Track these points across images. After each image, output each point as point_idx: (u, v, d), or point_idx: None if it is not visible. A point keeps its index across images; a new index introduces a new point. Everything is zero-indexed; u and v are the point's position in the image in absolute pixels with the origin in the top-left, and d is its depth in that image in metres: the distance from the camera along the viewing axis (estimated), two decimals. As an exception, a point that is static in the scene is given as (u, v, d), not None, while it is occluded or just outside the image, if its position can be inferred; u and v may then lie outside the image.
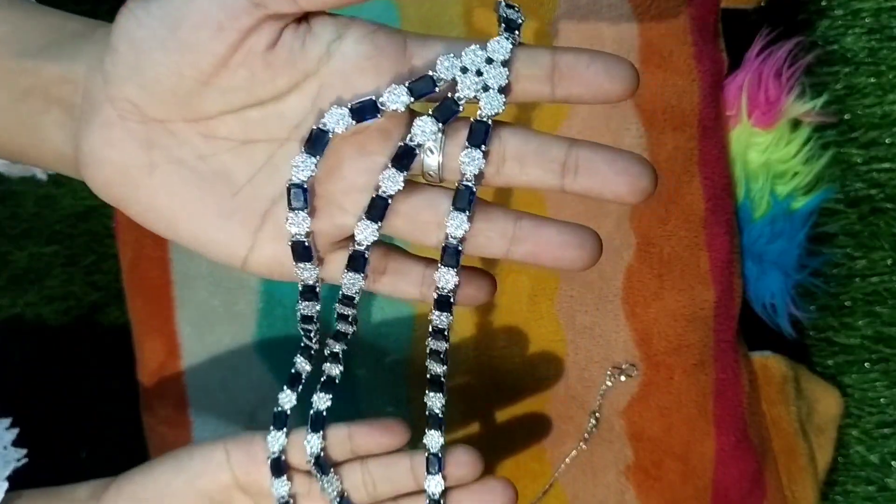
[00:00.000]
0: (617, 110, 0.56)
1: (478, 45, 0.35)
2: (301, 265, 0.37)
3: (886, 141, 0.66)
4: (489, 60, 0.35)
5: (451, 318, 0.38)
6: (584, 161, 0.35)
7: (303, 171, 0.35)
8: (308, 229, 0.36)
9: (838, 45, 0.67)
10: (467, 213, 0.35)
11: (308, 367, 0.44)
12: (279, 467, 0.45)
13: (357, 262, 0.37)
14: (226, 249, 0.37)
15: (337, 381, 0.44)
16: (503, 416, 0.58)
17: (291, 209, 0.35)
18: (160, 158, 0.36)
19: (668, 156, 0.57)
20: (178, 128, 0.36)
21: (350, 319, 0.40)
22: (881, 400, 0.68)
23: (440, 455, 0.44)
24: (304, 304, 0.39)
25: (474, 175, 0.35)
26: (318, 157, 0.35)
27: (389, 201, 0.35)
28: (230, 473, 0.45)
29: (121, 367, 0.70)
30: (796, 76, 0.61)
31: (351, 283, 0.37)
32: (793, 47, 0.61)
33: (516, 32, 0.35)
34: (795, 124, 0.62)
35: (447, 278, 0.36)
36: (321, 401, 0.45)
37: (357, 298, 0.38)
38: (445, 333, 0.38)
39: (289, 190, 0.35)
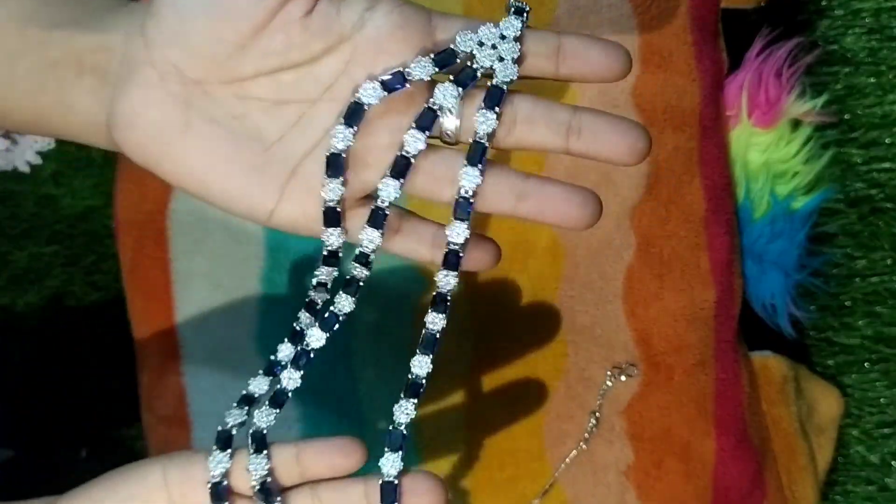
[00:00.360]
0: (617, 110, 0.56)
1: (491, 24, 0.38)
2: (330, 230, 0.39)
3: (886, 141, 0.67)
4: (502, 37, 0.38)
5: (456, 279, 0.39)
6: (588, 124, 0.38)
7: (342, 141, 0.38)
8: (341, 195, 0.38)
9: (838, 45, 0.67)
10: (480, 167, 0.38)
11: (309, 322, 0.42)
12: (218, 494, 0.40)
13: (377, 218, 0.39)
14: (254, 204, 0.39)
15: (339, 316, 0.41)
16: (503, 415, 0.58)
17: (329, 176, 0.38)
18: (195, 118, 0.38)
19: (668, 155, 0.57)
20: (214, 89, 0.38)
21: (360, 280, 0.40)
22: (881, 400, 0.68)
23: (397, 482, 0.39)
24: (324, 269, 0.41)
25: (487, 134, 0.38)
26: (355, 127, 0.38)
27: (412, 161, 0.38)
28: (166, 495, 0.41)
29: (121, 366, 0.70)
30: (796, 76, 0.61)
31: (369, 240, 0.39)
32: (793, 47, 0.61)
33: (524, 15, 0.38)
34: (795, 124, 0.62)
35: (458, 231, 0.38)
36: (315, 339, 0.41)
37: (372, 258, 0.39)
38: (447, 301, 0.39)
39: (328, 158, 0.38)
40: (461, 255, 0.39)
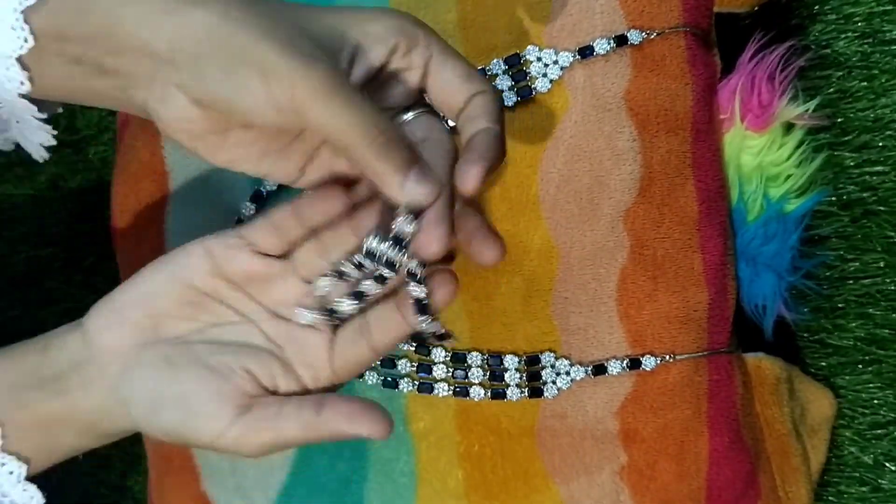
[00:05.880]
0: (610, 114, 0.57)
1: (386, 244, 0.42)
2: None
3: (879, 144, 0.67)
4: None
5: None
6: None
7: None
8: None
9: (831, 49, 0.67)
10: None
11: None
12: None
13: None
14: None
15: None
16: (496, 412, 0.58)
17: None
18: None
19: (661, 159, 0.57)
20: None
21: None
22: (874, 401, 0.68)
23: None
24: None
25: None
26: None
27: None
28: (211, 263, 0.45)
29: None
30: (789, 80, 0.61)
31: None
32: (786, 51, 0.61)
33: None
34: (788, 128, 0.62)
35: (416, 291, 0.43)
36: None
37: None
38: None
39: None
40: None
